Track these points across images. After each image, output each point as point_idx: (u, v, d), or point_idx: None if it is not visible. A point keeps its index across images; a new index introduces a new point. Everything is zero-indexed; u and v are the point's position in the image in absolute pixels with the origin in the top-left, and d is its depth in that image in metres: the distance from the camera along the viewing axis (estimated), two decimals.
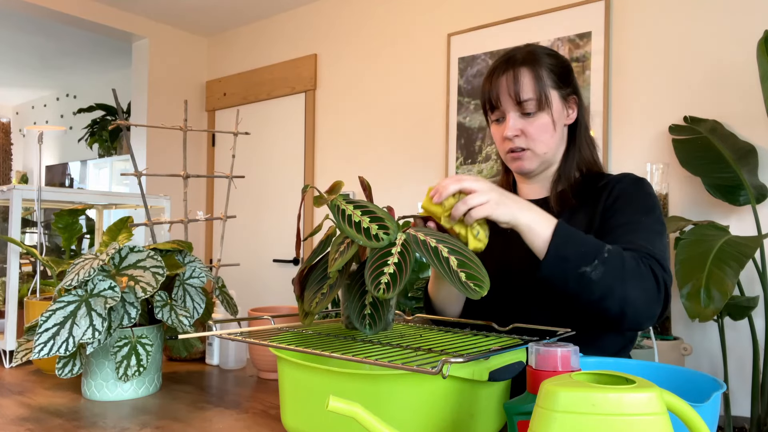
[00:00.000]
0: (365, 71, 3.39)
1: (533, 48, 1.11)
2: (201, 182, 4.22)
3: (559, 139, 1.11)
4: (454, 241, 0.82)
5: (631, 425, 0.48)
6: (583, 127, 1.14)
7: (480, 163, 2.87)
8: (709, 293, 1.72)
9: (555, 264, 0.89)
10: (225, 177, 1.53)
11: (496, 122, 1.12)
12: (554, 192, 1.12)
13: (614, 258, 0.89)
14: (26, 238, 3.94)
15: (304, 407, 0.79)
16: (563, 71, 1.10)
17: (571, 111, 1.12)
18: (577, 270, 0.88)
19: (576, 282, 0.89)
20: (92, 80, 5.67)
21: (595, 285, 0.88)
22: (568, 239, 0.90)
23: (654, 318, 0.92)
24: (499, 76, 1.09)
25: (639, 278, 0.89)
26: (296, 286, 0.92)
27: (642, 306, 0.90)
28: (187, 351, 1.31)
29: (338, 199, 0.86)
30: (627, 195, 1.06)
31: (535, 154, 1.09)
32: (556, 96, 1.08)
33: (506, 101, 1.08)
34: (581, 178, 1.12)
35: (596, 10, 2.52)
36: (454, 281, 0.76)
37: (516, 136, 1.08)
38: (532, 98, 1.06)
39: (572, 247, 0.89)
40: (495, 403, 0.81)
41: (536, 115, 1.07)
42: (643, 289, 0.89)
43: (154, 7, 3.75)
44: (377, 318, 0.87)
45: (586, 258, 0.88)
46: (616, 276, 0.88)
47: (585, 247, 0.89)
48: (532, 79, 1.06)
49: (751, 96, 2.18)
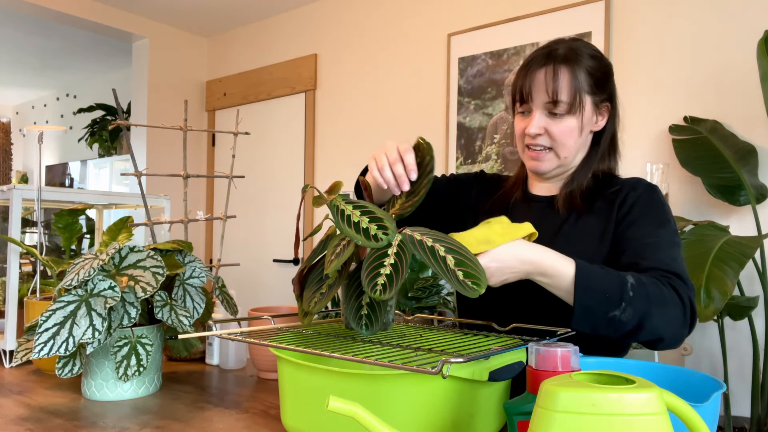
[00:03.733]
0: (365, 71, 3.39)
1: (577, 45, 1.06)
2: (201, 182, 4.22)
3: (581, 145, 1.08)
4: (451, 240, 0.82)
5: (631, 425, 0.48)
6: (609, 136, 1.11)
7: (480, 163, 2.87)
8: (709, 293, 1.72)
9: (583, 317, 0.89)
10: (225, 177, 1.53)
11: (521, 114, 1.09)
12: (563, 193, 1.10)
13: (639, 294, 0.89)
14: (26, 238, 3.93)
15: (304, 407, 0.79)
16: (602, 76, 1.06)
17: (601, 118, 1.09)
18: (606, 316, 0.89)
19: (606, 326, 0.90)
20: (92, 80, 5.67)
21: (625, 325, 0.89)
22: (591, 288, 0.89)
23: (684, 337, 0.94)
24: (536, 70, 1.04)
25: (665, 305, 0.90)
26: (296, 286, 0.92)
27: (672, 332, 0.92)
28: (187, 351, 1.31)
29: (337, 199, 0.86)
30: (642, 205, 1.04)
31: (556, 156, 1.07)
32: (589, 101, 1.05)
33: (538, 98, 1.04)
34: (593, 183, 1.10)
35: (596, 10, 2.52)
36: (452, 280, 0.76)
37: (539, 134, 1.05)
38: (566, 101, 1.02)
39: (596, 296, 0.89)
40: (495, 403, 0.81)
41: (564, 117, 1.04)
42: (671, 316, 0.91)
43: (154, 7, 3.75)
44: (374, 318, 0.87)
45: (612, 303, 0.88)
46: (644, 311, 0.89)
47: (609, 290, 0.89)
48: (569, 80, 1.02)
49: (751, 96, 2.17)
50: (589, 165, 1.10)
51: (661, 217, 1.03)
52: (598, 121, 1.09)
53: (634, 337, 0.92)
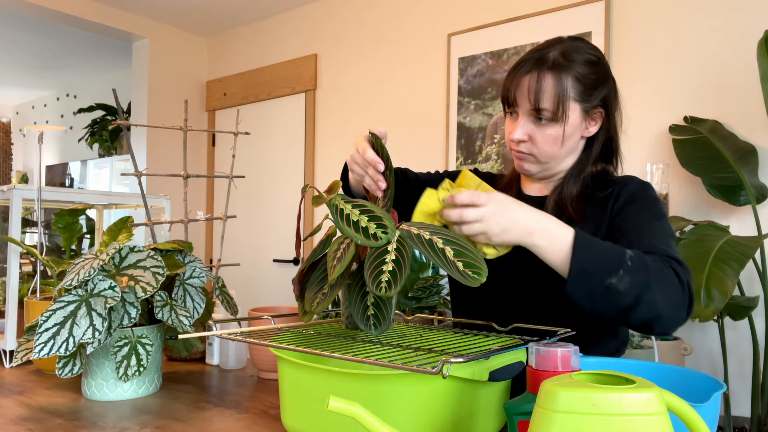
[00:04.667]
0: (365, 71, 3.39)
1: (571, 49, 1.03)
2: (201, 182, 4.22)
3: (568, 150, 1.06)
4: (448, 231, 0.82)
5: (631, 425, 0.48)
6: (601, 142, 1.09)
7: (480, 163, 2.87)
8: (709, 293, 1.72)
9: (579, 281, 0.85)
10: (225, 177, 1.53)
11: (510, 115, 1.09)
12: (551, 200, 1.08)
13: (638, 264, 0.85)
14: (26, 238, 3.94)
15: (304, 407, 0.79)
16: (594, 83, 1.03)
17: (593, 124, 1.07)
18: (603, 283, 0.84)
19: (603, 295, 0.85)
20: (92, 80, 5.67)
21: (622, 296, 0.84)
22: (589, 252, 0.85)
23: (681, 321, 0.89)
24: (522, 76, 1.03)
25: (664, 282, 0.86)
26: (296, 286, 0.92)
27: (670, 311, 0.87)
28: (187, 351, 1.31)
29: (336, 198, 0.86)
30: (636, 199, 1.03)
31: (538, 161, 1.06)
32: (577, 109, 1.03)
33: (523, 104, 1.03)
34: (583, 188, 1.08)
35: (596, 10, 2.52)
36: (452, 271, 0.76)
37: (522, 141, 1.05)
38: (549, 109, 1.00)
39: (595, 261, 0.85)
40: (495, 403, 0.81)
41: (548, 125, 1.02)
42: (670, 293, 0.86)
43: (154, 7, 3.75)
44: (381, 318, 0.87)
45: (610, 269, 0.84)
46: (642, 283, 0.84)
47: (608, 257, 0.85)
48: (554, 88, 1.00)
49: (751, 96, 2.17)
50: (580, 169, 1.09)
51: (656, 211, 1.01)
52: (589, 127, 1.07)
53: (630, 315, 0.86)
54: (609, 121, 1.08)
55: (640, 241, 0.95)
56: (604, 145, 1.10)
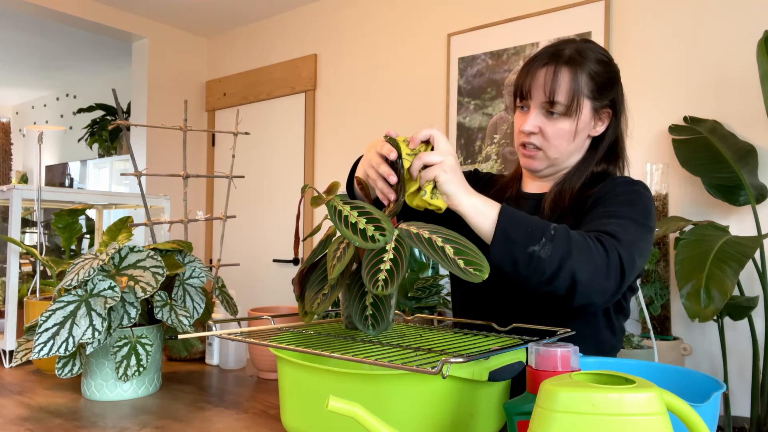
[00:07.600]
0: (365, 71, 3.39)
1: (585, 48, 1.06)
2: (201, 182, 4.22)
3: (575, 148, 1.08)
4: (446, 230, 0.83)
5: (631, 425, 0.48)
6: (608, 143, 1.10)
7: (480, 163, 2.87)
8: (709, 293, 1.72)
9: (503, 247, 0.87)
10: (225, 177, 1.53)
11: (520, 109, 1.09)
12: (552, 192, 1.09)
13: (561, 234, 0.87)
14: (26, 238, 3.93)
15: (304, 407, 0.79)
16: (606, 82, 1.05)
17: (600, 124, 1.08)
18: (526, 250, 0.86)
19: (526, 263, 0.87)
20: (92, 80, 5.67)
21: (544, 263, 0.86)
22: (514, 221, 0.88)
23: (606, 293, 0.90)
24: (538, 68, 1.05)
25: (587, 251, 0.87)
26: (296, 286, 0.92)
27: (591, 279, 0.87)
28: (187, 351, 1.31)
29: (335, 199, 0.86)
30: (611, 191, 1.03)
31: (546, 156, 1.07)
32: (588, 106, 1.05)
33: (537, 96, 1.05)
34: (583, 185, 1.09)
35: (596, 10, 2.52)
36: (453, 269, 0.77)
37: (533, 133, 1.06)
38: (563, 102, 1.02)
39: (519, 228, 0.88)
40: (495, 403, 0.81)
41: (559, 119, 1.04)
42: (591, 262, 0.87)
43: (154, 7, 3.75)
44: (379, 318, 0.87)
45: (533, 237, 0.87)
46: (563, 251, 0.86)
47: (531, 226, 0.88)
48: (569, 82, 1.02)
49: (751, 96, 2.18)
50: (584, 168, 1.09)
51: (629, 199, 1.00)
52: (597, 126, 1.08)
53: (553, 284, 0.87)
54: (616, 122, 1.09)
55: (593, 224, 0.96)
56: (609, 146, 1.11)
